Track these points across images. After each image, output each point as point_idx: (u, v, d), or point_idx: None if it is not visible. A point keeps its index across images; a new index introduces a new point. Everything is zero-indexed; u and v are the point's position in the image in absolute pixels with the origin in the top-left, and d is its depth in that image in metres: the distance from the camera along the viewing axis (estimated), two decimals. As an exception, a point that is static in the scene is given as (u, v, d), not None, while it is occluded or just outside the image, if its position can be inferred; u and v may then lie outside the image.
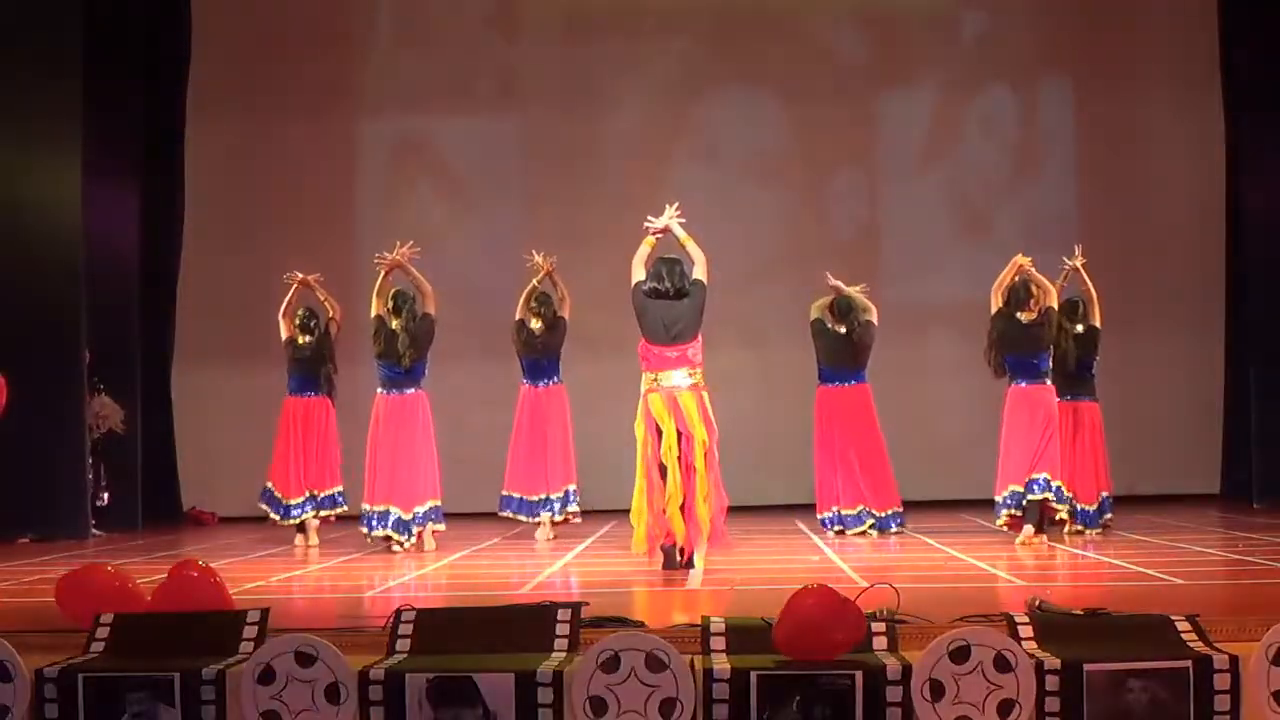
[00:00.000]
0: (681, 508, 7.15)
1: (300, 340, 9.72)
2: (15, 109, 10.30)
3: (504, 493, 9.81)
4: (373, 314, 9.19)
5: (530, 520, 9.71)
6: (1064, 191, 13.36)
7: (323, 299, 9.79)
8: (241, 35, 13.29)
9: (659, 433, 7.20)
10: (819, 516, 9.93)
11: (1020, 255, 9.08)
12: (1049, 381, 8.94)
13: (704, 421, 7.23)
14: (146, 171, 12.19)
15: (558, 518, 9.69)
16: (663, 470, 7.20)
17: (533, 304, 9.84)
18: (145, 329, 12.05)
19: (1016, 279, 8.98)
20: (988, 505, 9.27)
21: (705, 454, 7.21)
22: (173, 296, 12.67)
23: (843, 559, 7.84)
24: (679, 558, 7.21)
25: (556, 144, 13.37)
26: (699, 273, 7.38)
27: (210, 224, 12.95)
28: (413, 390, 9.18)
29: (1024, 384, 8.87)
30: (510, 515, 9.77)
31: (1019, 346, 8.86)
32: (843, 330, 9.94)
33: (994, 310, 8.98)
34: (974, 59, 13.42)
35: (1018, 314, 8.90)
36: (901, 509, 9.88)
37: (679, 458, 7.19)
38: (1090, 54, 13.29)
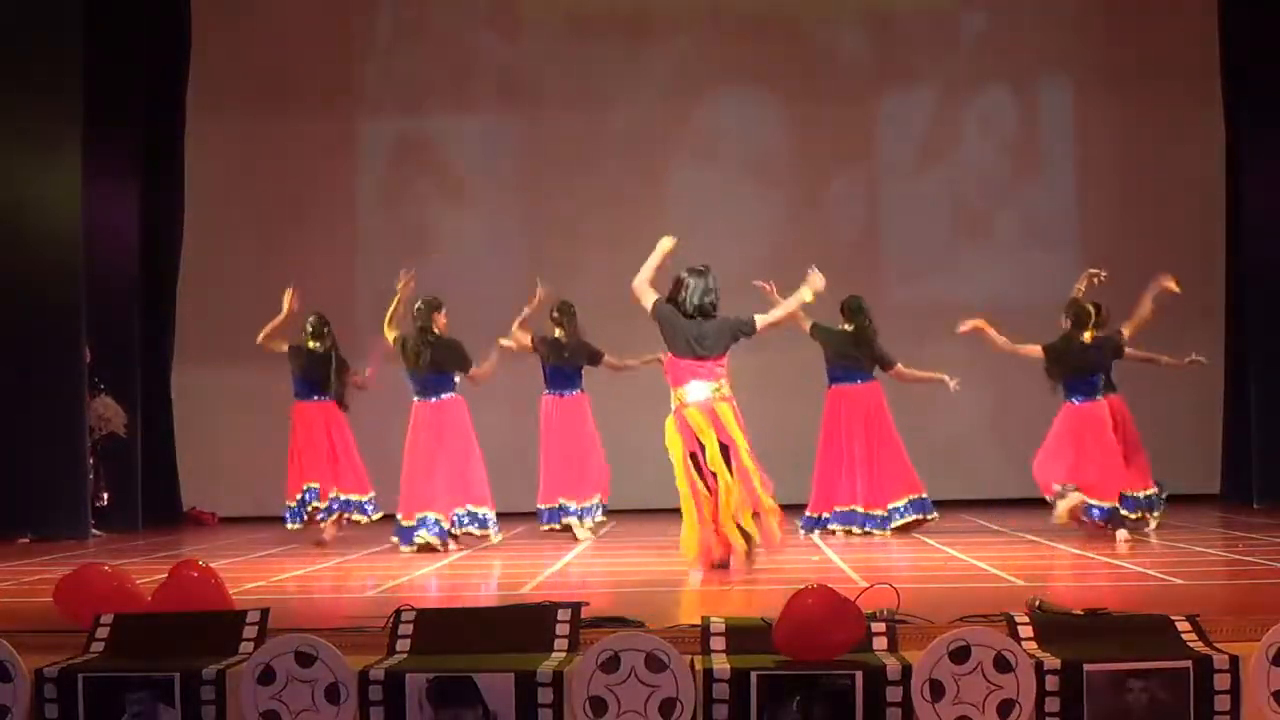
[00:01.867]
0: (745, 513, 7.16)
1: (311, 345, 9.78)
2: (15, 109, 10.30)
3: (541, 506, 9.81)
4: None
5: (584, 523, 9.70)
6: (1064, 191, 13.37)
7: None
8: (242, 35, 13.29)
9: (701, 445, 7.17)
10: (807, 515, 9.92)
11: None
12: (1100, 397, 9.03)
13: (742, 429, 7.23)
14: (146, 171, 12.19)
15: (591, 523, 9.72)
16: (713, 479, 7.16)
17: (554, 314, 9.85)
18: (145, 329, 12.06)
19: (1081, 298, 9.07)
20: (988, 505, 9.29)
21: (752, 458, 7.21)
22: (173, 296, 12.67)
23: (843, 559, 7.84)
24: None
25: (556, 144, 13.38)
26: (762, 318, 7.44)
27: (210, 224, 12.95)
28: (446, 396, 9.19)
29: (1079, 401, 8.97)
30: (556, 526, 9.73)
31: (1076, 367, 8.92)
32: (850, 328, 9.95)
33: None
34: (974, 59, 13.43)
35: (1081, 335, 8.96)
36: (924, 495, 9.86)
37: (735, 468, 7.16)
38: (1090, 54, 13.29)
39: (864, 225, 13.45)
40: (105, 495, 11.14)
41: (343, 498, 9.71)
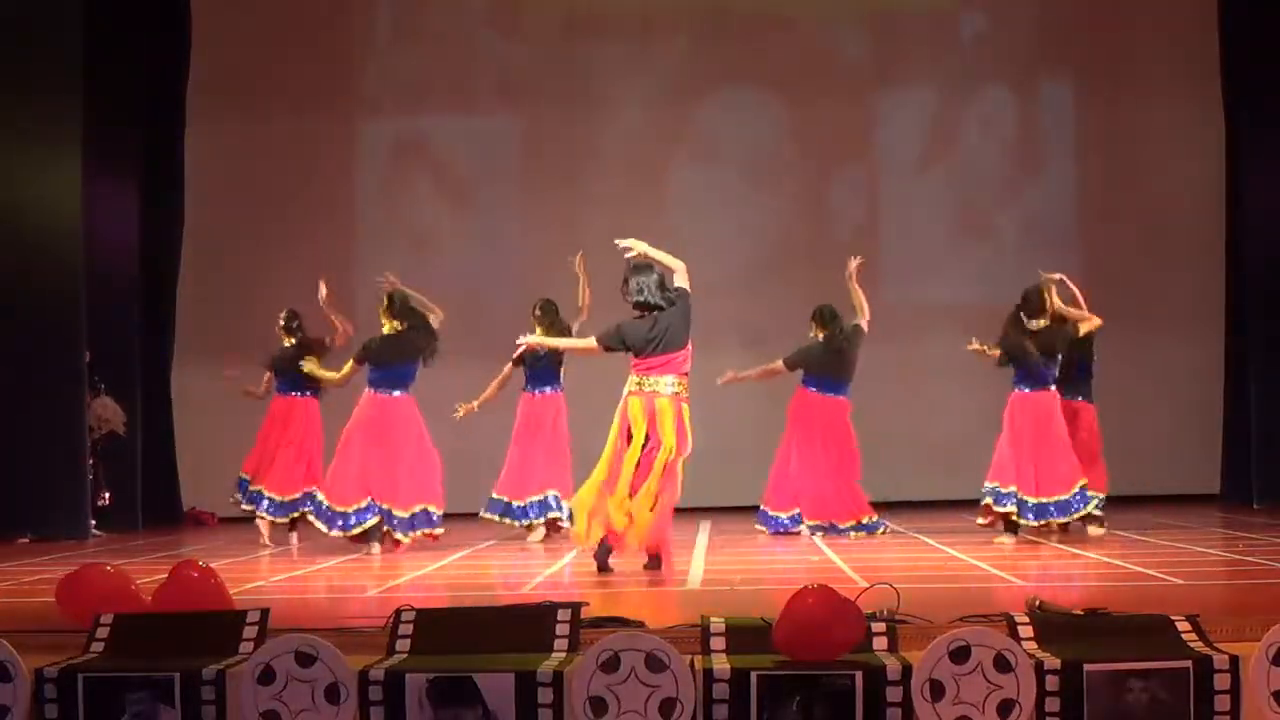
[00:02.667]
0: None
1: (285, 343, 9.86)
2: (15, 109, 10.30)
3: (492, 495, 9.85)
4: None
5: (518, 524, 9.72)
6: (1064, 191, 13.37)
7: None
8: (241, 35, 13.29)
9: (629, 437, 7.15)
10: (765, 510, 9.92)
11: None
12: (1053, 387, 8.98)
13: (677, 431, 7.15)
14: (146, 171, 12.19)
15: (537, 520, 9.71)
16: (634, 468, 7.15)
17: (536, 312, 9.82)
18: (145, 329, 12.06)
19: (1043, 286, 9.02)
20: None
21: (666, 464, 7.14)
22: (173, 296, 12.67)
23: (843, 559, 7.84)
24: (607, 557, 7.18)
25: (556, 144, 13.38)
26: (680, 280, 7.30)
27: (210, 224, 12.95)
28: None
29: (1027, 390, 8.92)
30: (494, 518, 9.79)
31: (1029, 351, 8.89)
32: (822, 337, 9.92)
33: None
34: (974, 59, 13.43)
35: (1031, 320, 8.92)
36: (874, 517, 9.84)
37: (639, 460, 7.13)
38: (1090, 54, 13.30)
39: (864, 225, 13.44)
40: (105, 495, 11.14)
41: (266, 495, 9.78)
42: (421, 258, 13.07)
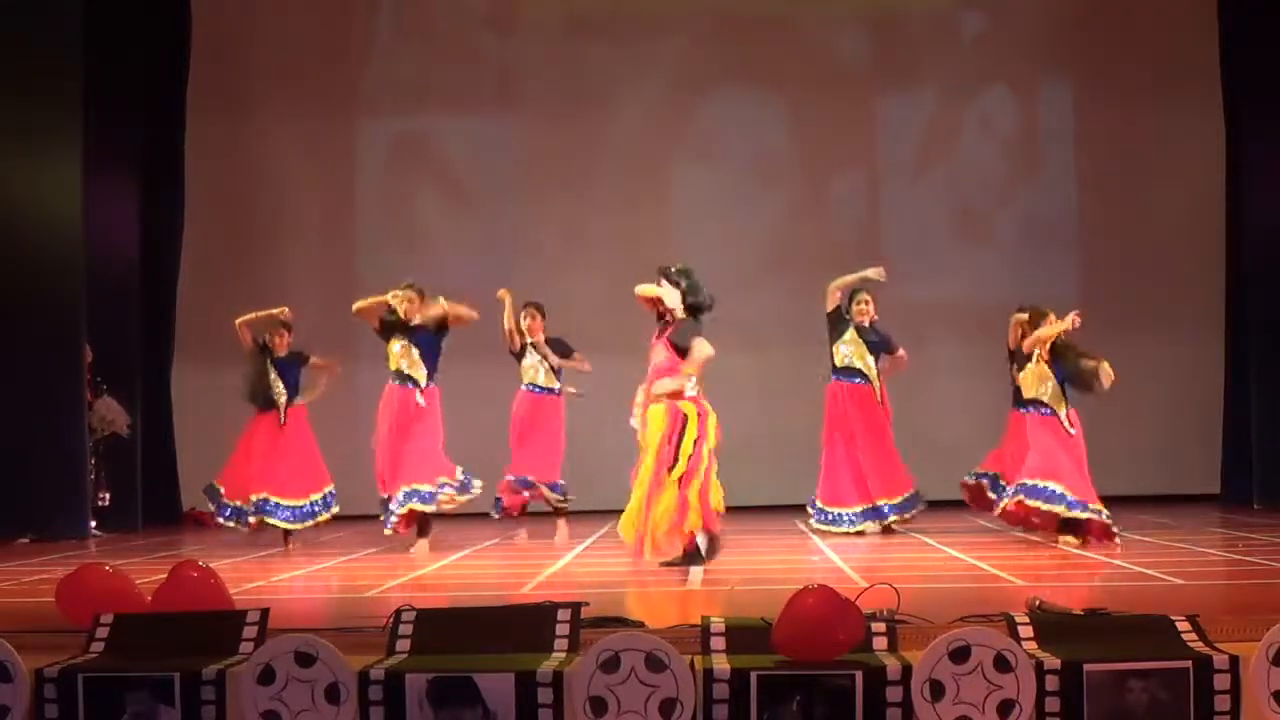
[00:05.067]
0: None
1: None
2: (15, 109, 10.30)
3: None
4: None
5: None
6: (1064, 192, 13.38)
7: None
8: (241, 36, 13.31)
9: (678, 442, 7.23)
10: (817, 504, 9.94)
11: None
12: None
13: (699, 433, 7.28)
14: (146, 171, 12.19)
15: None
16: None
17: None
18: (145, 329, 12.06)
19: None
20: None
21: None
22: (173, 296, 12.67)
23: (843, 559, 7.84)
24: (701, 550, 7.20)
25: (556, 144, 13.39)
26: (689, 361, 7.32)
27: (210, 224, 12.95)
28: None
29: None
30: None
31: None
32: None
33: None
34: (974, 59, 13.44)
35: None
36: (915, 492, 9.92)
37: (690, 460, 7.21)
38: (1090, 54, 13.31)
39: (864, 225, 13.45)
40: (105, 495, 11.14)
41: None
42: (421, 258, 13.07)
